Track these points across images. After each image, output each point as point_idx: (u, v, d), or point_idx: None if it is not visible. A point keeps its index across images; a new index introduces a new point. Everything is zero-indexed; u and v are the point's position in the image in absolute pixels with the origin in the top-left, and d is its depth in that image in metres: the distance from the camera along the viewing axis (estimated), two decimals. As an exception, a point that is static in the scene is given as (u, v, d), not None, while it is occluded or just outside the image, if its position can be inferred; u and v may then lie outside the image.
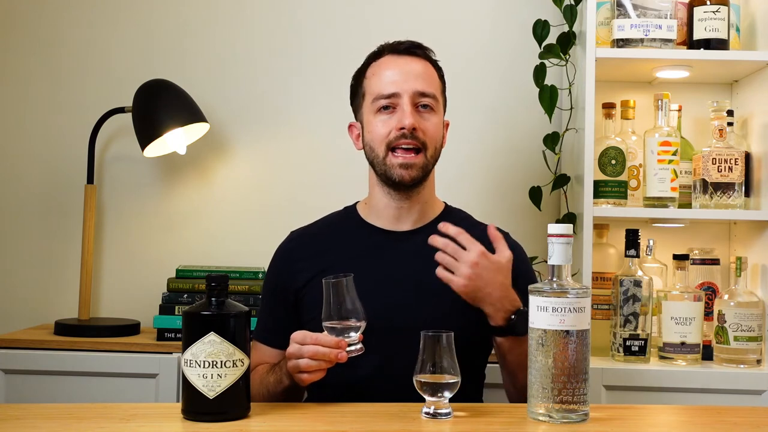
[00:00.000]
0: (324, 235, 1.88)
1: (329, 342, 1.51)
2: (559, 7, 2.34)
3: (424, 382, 1.44)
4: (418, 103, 1.78)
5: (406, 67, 1.80)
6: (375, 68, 1.83)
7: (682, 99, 2.42)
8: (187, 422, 1.40)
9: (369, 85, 1.82)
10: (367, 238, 1.83)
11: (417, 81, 1.79)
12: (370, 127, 1.80)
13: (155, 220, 2.55)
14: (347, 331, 1.52)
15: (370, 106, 1.80)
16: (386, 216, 1.83)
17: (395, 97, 1.77)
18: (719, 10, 2.23)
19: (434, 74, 1.84)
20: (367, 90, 1.82)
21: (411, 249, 1.80)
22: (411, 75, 1.79)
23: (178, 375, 2.16)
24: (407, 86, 1.77)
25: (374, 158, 1.80)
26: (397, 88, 1.77)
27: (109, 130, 2.51)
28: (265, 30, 2.56)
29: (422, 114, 1.78)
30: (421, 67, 1.82)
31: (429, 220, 1.85)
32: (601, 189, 2.25)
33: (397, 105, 1.77)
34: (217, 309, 1.42)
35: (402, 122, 1.75)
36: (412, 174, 1.77)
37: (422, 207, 1.84)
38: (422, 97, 1.78)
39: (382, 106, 1.78)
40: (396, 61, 1.81)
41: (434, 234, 1.67)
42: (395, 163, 1.77)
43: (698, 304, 2.16)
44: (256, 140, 2.56)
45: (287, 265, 1.85)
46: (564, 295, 1.41)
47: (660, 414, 1.61)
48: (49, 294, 2.53)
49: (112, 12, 2.57)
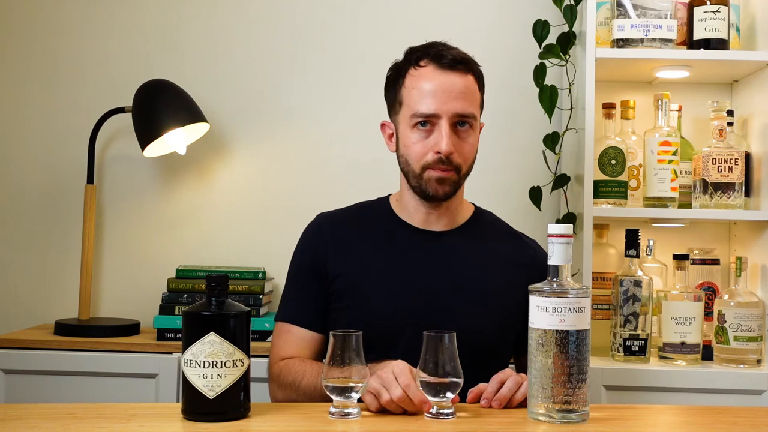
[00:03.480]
0: (355, 223, 1.86)
1: (416, 395, 1.44)
2: (559, 7, 2.34)
3: (426, 382, 1.43)
4: (457, 122, 1.74)
5: (447, 85, 1.73)
6: (415, 79, 1.76)
7: (682, 99, 2.42)
8: (187, 422, 1.40)
9: (407, 96, 1.76)
10: (400, 232, 1.81)
11: (457, 102, 1.73)
12: (406, 141, 1.76)
13: (155, 220, 2.55)
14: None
15: (408, 119, 1.75)
16: (417, 217, 1.83)
17: (434, 118, 1.73)
18: (719, 10, 2.23)
19: (475, 90, 1.78)
20: (405, 101, 1.77)
21: (442, 249, 1.80)
22: (452, 95, 1.73)
23: (178, 375, 2.16)
24: (446, 108, 1.72)
25: (409, 171, 1.78)
26: (436, 110, 1.72)
27: (109, 130, 2.51)
28: (265, 30, 2.56)
29: (459, 134, 1.74)
30: (463, 84, 1.75)
31: (460, 223, 1.85)
32: (601, 189, 2.25)
33: (435, 124, 1.73)
34: (217, 309, 1.42)
35: (439, 146, 1.71)
36: (445, 189, 1.76)
37: (452, 212, 1.84)
38: (462, 117, 1.74)
39: (419, 122, 1.74)
40: (438, 76, 1.74)
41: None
42: (432, 178, 1.74)
43: (698, 304, 2.16)
44: (256, 140, 2.56)
45: (320, 244, 1.81)
46: (564, 295, 1.41)
47: (660, 414, 1.61)
48: (49, 294, 2.53)
49: (112, 12, 2.57)
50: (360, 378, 1.43)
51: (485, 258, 1.82)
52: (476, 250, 1.82)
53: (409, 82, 1.77)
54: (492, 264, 1.81)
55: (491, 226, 1.90)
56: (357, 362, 1.43)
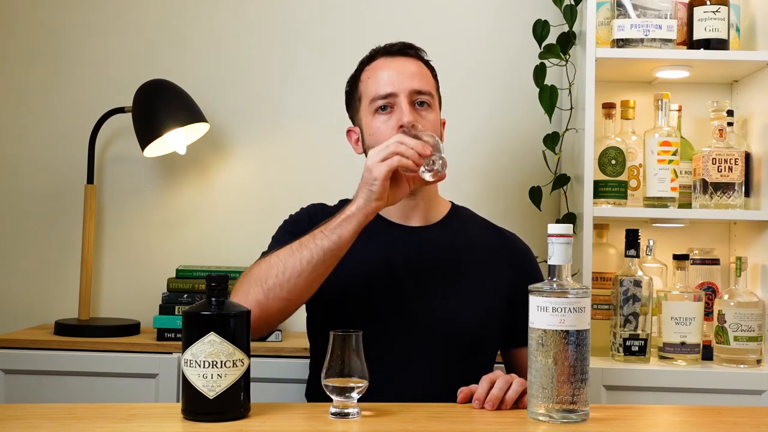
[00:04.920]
0: None
1: (408, 141, 1.60)
2: (559, 7, 2.34)
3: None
4: (415, 101, 1.79)
5: (400, 68, 1.81)
6: (369, 72, 1.84)
7: (682, 99, 2.42)
8: (187, 422, 1.40)
9: (365, 88, 1.83)
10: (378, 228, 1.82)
11: (413, 80, 1.79)
12: (370, 129, 1.81)
13: (155, 220, 2.55)
14: (348, 391, 1.43)
15: (368, 108, 1.81)
16: (396, 212, 1.84)
17: (392, 97, 1.78)
18: (719, 10, 2.23)
19: (428, 73, 1.85)
20: (364, 93, 1.83)
21: (420, 243, 1.81)
22: (406, 74, 1.80)
23: (178, 375, 2.16)
24: (403, 85, 1.78)
25: None
26: (393, 88, 1.78)
27: (109, 130, 2.51)
28: (265, 30, 2.56)
29: (420, 112, 1.79)
30: (415, 67, 1.83)
31: (437, 218, 1.87)
32: (601, 189, 2.25)
33: (394, 104, 1.78)
34: (217, 309, 1.42)
35: (401, 120, 1.76)
36: None
37: (427, 204, 1.85)
38: (419, 95, 1.79)
39: (379, 107, 1.79)
40: (390, 62, 1.82)
41: None
42: None
43: (698, 304, 2.16)
44: (256, 140, 2.56)
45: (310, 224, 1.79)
46: (564, 295, 1.41)
47: (660, 414, 1.61)
48: (49, 294, 2.53)
49: (112, 12, 2.57)
50: (360, 378, 1.43)
51: (464, 250, 1.83)
52: (455, 243, 1.83)
53: (364, 76, 1.85)
54: (471, 256, 1.83)
55: (469, 220, 1.92)
56: (357, 362, 1.43)
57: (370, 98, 1.80)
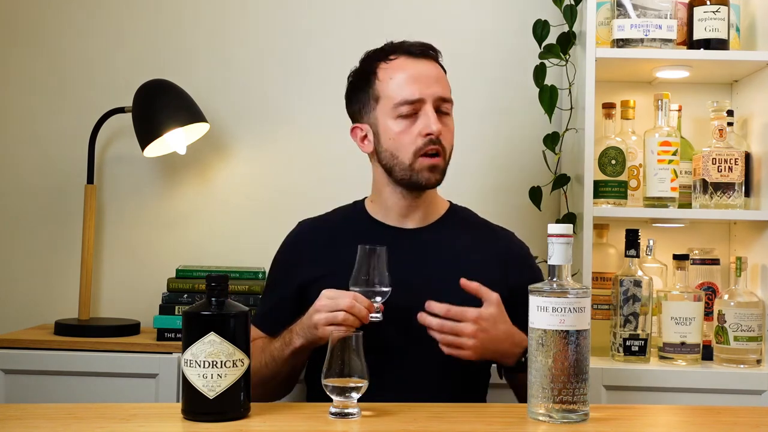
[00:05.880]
0: (333, 228, 1.89)
1: (363, 301, 1.58)
2: (559, 7, 2.34)
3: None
4: (439, 108, 1.77)
5: (424, 71, 1.78)
6: (390, 71, 1.79)
7: (682, 99, 2.42)
8: (187, 422, 1.40)
9: (385, 88, 1.79)
10: (373, 232, 1.83)
11: (438, 86, 1.77)
12: (390, 133, 1.78)
13: (155, 220, 2.55)
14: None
15: (390, 111, 1.78)
16: (394, 214, 1.84)
17: (419, 103, 1.75)
18: (719, 10, 2.23)
19: (445, 76, 1.83)
20: (383, 94, 1.79)
21: (417, 244, 1.82)
22: (432, 79, 1.77)
23: (178, 375, 2.16)
24: (429, 91, 1.76)
25: (396, 164, 1.79)
26: (421, 94, 1.75)
27: (109, 130, 2.51)
28: (266, 30, 2.56)
29: (442, 119, 1.78)
30: (437, 71, 1.81)
31: (434, 218, 1.87)
32: (601, 189, 2.25)
33: (419, 110, 1.76)
34: (217, 309, 1.42)
35: (429, 128, 1.74)
36: (437, 177, 1.79)
37: (428, 205, 1.86)
38: (443, 102, 1.78)
39: (404, 112, 1.76)
40: (413, 64, 1.79)
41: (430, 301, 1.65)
42: (424, 166, 1.77)
43: (698, 304, 2.16)
44: (256, 140, 2.56)
45: (296, 255, 1.86)
46: (564, 295, 1.41)
47: (660, 414, 1.61)
48: (49, 294, 2.52)
49: (112, 12, 2.57)
50: (360, 378, 1.43)
51: (460, 250, 1.83)
52: (451, 243, 1.84)
53: (383, 75, 1.79)
54: (468, 255, 1.83)
55: (466, 219, 1.93)
56: (357, 362, 1.43)
57: (394, 101, 1.77)
